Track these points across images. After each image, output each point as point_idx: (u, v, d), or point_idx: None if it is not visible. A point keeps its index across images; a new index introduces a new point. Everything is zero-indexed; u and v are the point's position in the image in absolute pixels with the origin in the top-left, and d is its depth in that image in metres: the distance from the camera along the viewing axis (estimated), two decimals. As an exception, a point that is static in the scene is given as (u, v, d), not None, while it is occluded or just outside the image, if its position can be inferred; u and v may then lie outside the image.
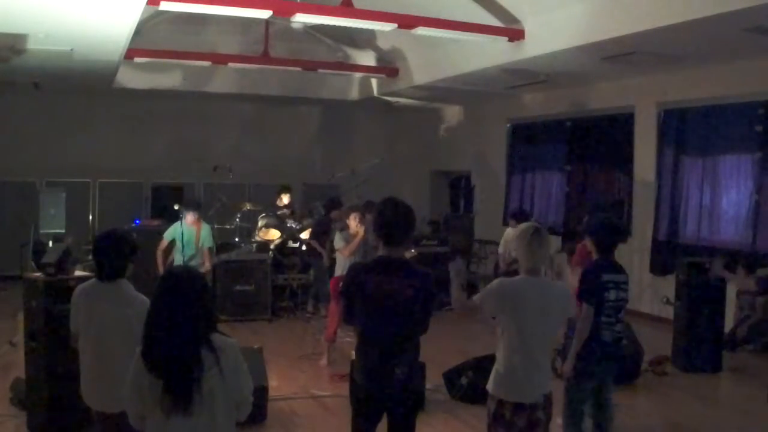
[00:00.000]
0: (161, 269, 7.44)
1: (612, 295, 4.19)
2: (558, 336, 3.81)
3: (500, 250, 9.36)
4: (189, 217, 7.67)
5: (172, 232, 7.74)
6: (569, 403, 4.30)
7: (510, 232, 8.97)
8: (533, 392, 3.42)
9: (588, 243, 4.51)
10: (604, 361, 4.22)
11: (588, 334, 4.14)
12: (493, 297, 3.50)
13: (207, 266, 7.81)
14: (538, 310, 3.44)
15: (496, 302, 3.49)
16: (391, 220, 3.46)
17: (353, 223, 6.96)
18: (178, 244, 7.67)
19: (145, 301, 3.48)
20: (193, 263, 7.37)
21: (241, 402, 2.63)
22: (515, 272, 3.69)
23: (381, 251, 3.50)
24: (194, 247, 7.69)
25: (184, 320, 2.49)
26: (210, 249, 7.96)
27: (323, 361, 6.97)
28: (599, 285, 4.17)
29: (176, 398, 2.44)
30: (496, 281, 3.59)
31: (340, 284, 7.04)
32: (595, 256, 4.41)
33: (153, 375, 2.47)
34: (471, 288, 10.62)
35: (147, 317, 2.59)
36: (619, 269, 4.34)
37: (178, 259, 7.67)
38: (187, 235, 7.64)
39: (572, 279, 5.26)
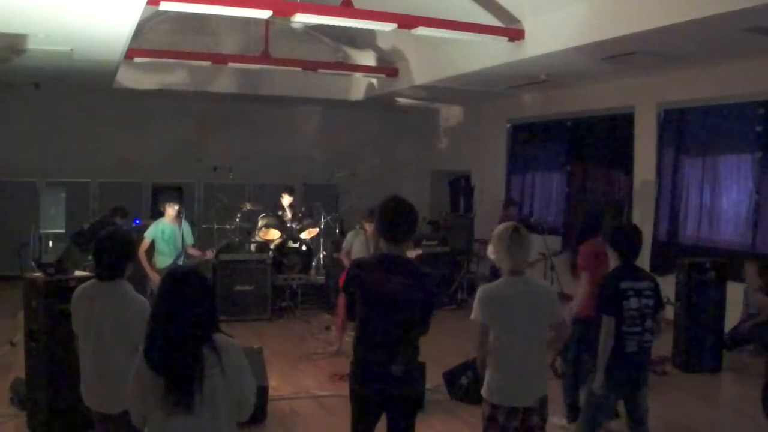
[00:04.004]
0: (149, 271, 7.35)
1: (633, 303, 3.97)
2: (551, 337, 3.70)
3: (492, 255, 8.85)
4: (170, 211, 7.49)
5: (153, 231, 7.56)
6: (588, 409, 4.16)
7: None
8: (527, 396, 3.38)
9: (609, 252, 4.34)
10: (633, 371, 4.04)
11: (611, 347, 3.96)
12: (481, 306, 3.44)
13: (209, 254, 7.78)
14: (525, 311, 3.39)
15: (485, 310, 3.43)
16: (393, 218, 3.47)
17: (370, 228, 7.18)
18: (160, 245, 7.55)
19: (143, 301, 3.49)
20: (179, 263, 7.26)
21: (243, 402, 2.63)
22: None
23: (384, 249, 3.51)
24: (178, 246, 7.52)
25: (186, 319, 2.50)
26: (193, 245, 7.90)
27: (333, 348, 7.37)
28: (618, 294, 3.97)
29: (178, 397, 2.45)
30: (479, 289, 3.54)
31: None
32: (613, 263, 4.22)
33: (155, 374, 2.48)
34: (472, 288, 10.65)
35: (150, 316, 2.61)
36: (641, 276, 4.13)
37: (162, 260, 7.53)
38: (169, 233, 7.53)
39: (582, 285, 5.13)
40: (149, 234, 7.57)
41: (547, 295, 3.55)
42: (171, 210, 7.54)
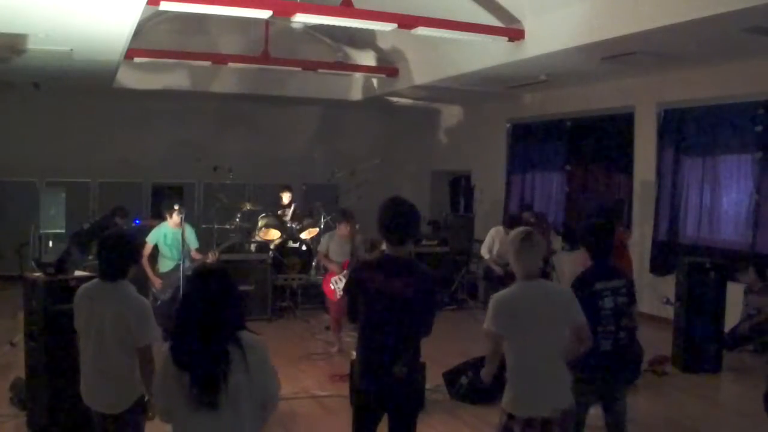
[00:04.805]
0: (151, 275, 7.29)
1: (608, 302, 3.95)
2: (570, 344, 3.50)
3: (485, 254, 8.67)
4: (175, 218, 7.40)
5: (155, 235, 7.49)
6: None
7: (495, 233, 8.75)
8: (545, 406, 3.26)
9: (583, 251, 4.26)
10: (606, 370, 3.99)
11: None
12: (494, 315, 3.35)
13: (211, 257, 7.70)
14: (539, 316, 3.30)
15: (498, 319, 3.34)
16: (393, 218, 3.46)
17: (344, 230, 7.33)
18: (162, 249, 7.48)
19: (145, 302, 3.50)
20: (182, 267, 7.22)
21: (268, 400, 2.66)
22: (512, 275, 3.61)
23: (386, 250, 3.51)
24: (181, 250, 7.43)
25: (213, 317, 2.53)
26: (197, 249, 7.83)
27: (334, 349, 7.40)
28: (590, 295, 3.92)
29: (202, 393, 2.47)
30: (491, 299, 3.45)
31: (331, 280, 7.31)
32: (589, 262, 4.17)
33: (180, 370, 2.50)
34: (471, 287, 10.65)
35: (177, 312, 2.64)
36: (615, 274, 4.11)
37: (166, 264, 7.48)
38: (171, 237, 7.47)
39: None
40: (151, 239, 7.49)
41: (564, 298, 3.45)
42: (177, 217, 7.43)
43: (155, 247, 7.53)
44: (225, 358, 2.49)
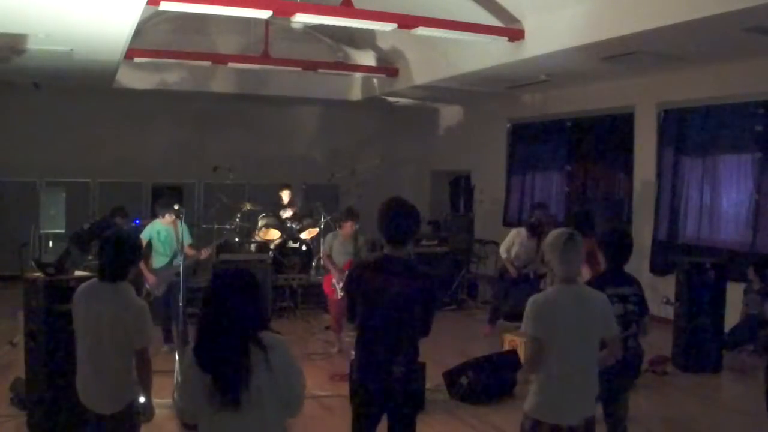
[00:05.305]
0: (145, 272, 7.29)
1: (617, 309, 3.85)
2: (602, 354, 3.38)
3: (503, 253, 8.52)
4: (167, 218, 7.42)
5: (148, 232, 7.48)
6: None
7: (516, 234, 8.65)
8: (573, 414, 3.19)
9: (598, 254, 4.28)
10: (616, 377, 3.94)
11: None
12: (534, 320, 3.22)
13: (204, 254, 7.69)
14: (575, 322, 3.18)
15: (538, 323, 3.21)
16: (393, 219, 3.46)
17: (349, 229, 7.32)
18: (156, 245, 7.51)
19: (142, 304, 3.49)
20: (176, 262, 7.20)
21: (292, 399, 2.64)
22: (526, 276, 3.58)
23: (385, 250, 3.51)
24: (174, 245, 7.38)
25: (235, 317, 2.53)
26: (190, 245, 7.82)
27: (334, 349, 7.45)
28: None
29: (225, 394, 2.47)
30: (528, 302, 3.29)
31: (332, 281, 7.31)
32: (603, 266, 4.16)
33: (203, 371, 2.51)
34: (471, 287, 10.65)
35: (199, 314, 2.64)
36: (626, 281, 4.07)
37: (159, 261, 7.49)
38: (165, 234, 7.50)
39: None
40: (145, 235, 7.51)
41: (602, 306, 3.34)
42: (168, 217, 7.48)
43: (148, 243, 7.56)
44: (247, 359, 2.49)
